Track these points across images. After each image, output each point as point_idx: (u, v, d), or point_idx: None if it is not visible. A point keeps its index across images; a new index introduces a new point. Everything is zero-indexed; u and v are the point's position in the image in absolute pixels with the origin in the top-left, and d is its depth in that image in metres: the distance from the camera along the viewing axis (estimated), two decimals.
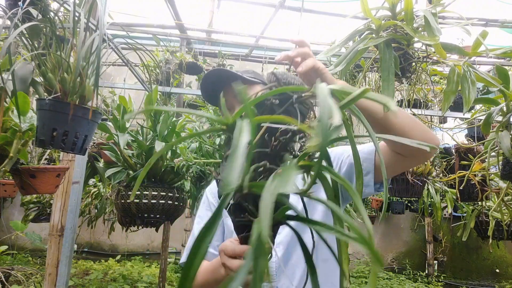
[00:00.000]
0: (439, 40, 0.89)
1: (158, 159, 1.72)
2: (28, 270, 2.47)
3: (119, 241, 5.37)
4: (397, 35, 0.99)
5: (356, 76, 3.15)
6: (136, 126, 1.86)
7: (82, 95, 0.92)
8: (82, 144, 0.92)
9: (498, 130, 1.15)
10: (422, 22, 1.00)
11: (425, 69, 1.30)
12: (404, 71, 1.14)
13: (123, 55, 1.97)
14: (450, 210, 2.69)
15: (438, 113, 2.94)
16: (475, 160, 1.64)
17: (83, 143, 0.93)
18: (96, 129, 0.98)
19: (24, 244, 4.93)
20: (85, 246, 5.38)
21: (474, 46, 1.00)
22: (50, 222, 1.57)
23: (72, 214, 1.55)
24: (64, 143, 0.89)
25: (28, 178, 1.35)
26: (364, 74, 1.83)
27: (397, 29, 1.02)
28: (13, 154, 1.20)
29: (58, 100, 0.90)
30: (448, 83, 0.94)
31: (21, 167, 1.34)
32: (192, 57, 3.36)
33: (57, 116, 0.89)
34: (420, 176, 2.10)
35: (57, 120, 0.89)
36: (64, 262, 1.50)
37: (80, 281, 4.01)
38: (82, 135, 0.92)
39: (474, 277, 5.70)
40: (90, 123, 0.94)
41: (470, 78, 0.95)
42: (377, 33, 0.98)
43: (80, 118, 0.92)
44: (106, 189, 2.97)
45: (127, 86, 2.83)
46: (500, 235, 2.49)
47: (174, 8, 3.22)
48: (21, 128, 1.19)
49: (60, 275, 1.49)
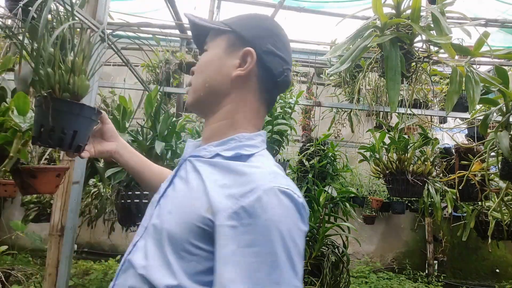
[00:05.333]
0: (451, 39, 0.87)
1: (158, 159, 1.72)
2: (28, 270, 2.48)
3: (119, 241, 5.37)
4: (401, 34, 0.99)
5: (356, 76, 3.15)
6: (136, 126, 1.86)
7: (74, 91, 0.89)
8: (71, 140, 0.87)
9: (497, 130, 1.15)
10: (426, 21, 1.00)
11: (426, 69, 1.30)
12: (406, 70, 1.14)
13: (123, 55, 1.97)
14: (450, 210, 2.69)
15: (438, 113, 2.94)
16: (475, 160, 1.64)
17: (73, 139, 0.87)
18: (91, 125, 0.93)
19: (24, 244, 4.93)
20: (85, 246, 5.38)
21: (476, 46, 1.00)
22: (50, 222, 1.57)
23: (72, 214, 1.55)
24: (50, 139, 0.86)
25: (29, 178, 1.35)
26: (364, 74, 1.83)
27: (399, 28, 1.02)
28: (13, 154, 1.20)
29: (44, 96, 0.87)
30: (451, 83, 0.94)
31: (21, 167, 1.34)
32: (192, 57, 3.36)
33: (44, 112, 0.86)
34: (420, 176, 2.10)
35: (44, 116, 0.86)
36: (64, 262, 1.50)
37: (80, 281, 4.01)
38: (70, 130, 0.87)
39: (474, 277, 5.70)
40: (80, 118, 0.88)
41: (474, 78, 0.95)
42: (382, 31, 0.97)
43: (66, 113, 0.87)
44: (106, 189, 2.98)
45: (127, 86, 2.84)
46: (500, 235, 2.49)
47: (174, 8, 3.22)
48: (21, 128, 1.19)
49: (60, 275, 1.49)
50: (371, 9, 1.10)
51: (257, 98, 0.77)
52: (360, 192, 4.79)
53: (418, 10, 0.93)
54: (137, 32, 3.31)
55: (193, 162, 0.74)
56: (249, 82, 0.76)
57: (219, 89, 0.76)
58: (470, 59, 1.02)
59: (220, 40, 0.78)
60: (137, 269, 0.65)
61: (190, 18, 0.81)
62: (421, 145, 2.15)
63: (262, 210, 0.58)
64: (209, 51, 0.79)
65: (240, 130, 0.75)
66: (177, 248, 0.62)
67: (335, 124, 3.94)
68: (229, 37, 0.77)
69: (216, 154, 0.72)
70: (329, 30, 3.66)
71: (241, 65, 0.75)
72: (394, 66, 0.88)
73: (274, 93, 0.82)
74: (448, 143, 2.80)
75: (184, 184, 0.71)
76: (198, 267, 0.61)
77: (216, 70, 0.76)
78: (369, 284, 4.89)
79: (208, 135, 0.77)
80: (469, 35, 0.97)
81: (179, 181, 0.74)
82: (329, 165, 2.78)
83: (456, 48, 0.91)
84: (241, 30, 0.77)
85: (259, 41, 0.76)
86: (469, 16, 1.71)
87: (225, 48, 0.77)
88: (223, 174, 0.67)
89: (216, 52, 0.77)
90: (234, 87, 0.75)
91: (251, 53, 0.74)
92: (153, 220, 0.70)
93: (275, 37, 0.78)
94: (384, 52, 0.91)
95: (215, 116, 0.77)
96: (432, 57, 1.13)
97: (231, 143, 0.73)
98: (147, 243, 0.68)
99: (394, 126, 2.26)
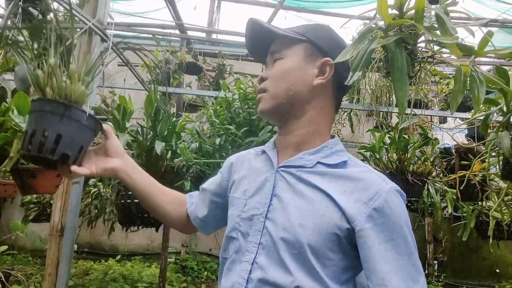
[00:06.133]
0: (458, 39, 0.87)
1: (158, 159, 1.72)
2: (28, 270, 2.47)
3: (119, 241, 5.37)
4: (404, 35, 0.99)
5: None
6: (136, 126, 1.85)
7: (66, 93, 0.76)
8: (53, 145, 0.72)
9: (498, 130, 1.15)
10: (430, 21, 1.00)
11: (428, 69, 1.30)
12: None
13: (123, 55, 1.97)
14: (450, 210, 2.69)
15: (438, 113, 2.94)
16: (475, 160, 1.64)
17: (56, 144, 0.72)
18: (85, 134, 0.78)
19: (24, 244, 4.92)
20: (85, 246, 5.37)
21: (480, 45, 1.00)
22: (50, 222, 1.57)
23: (72, 214, 1.55)
24: (31, 144, 0.72)
25: (29, 178, 1.35)
26: (364, 74, 1.83)
27: (402, 29, 1.01)
28: (14, 154, 1.20)
29: (33, 98, 0.76)
30: (455, 83, 0.93)
31: (21, 167, 1.34)
32: (192, 57, 3.35)
33: (30, 115, 0.75)
34: (420, 176, 2.10)
35: (29, 122, 0.74)
36: (64, 262, 1.50)
37: (80, 281, 4.01)
38: (52, 133, 0.72)
39: (474, 277, 5.70)
40: (66, 120, 0.74)
41: (478, 78, 0.95)
42: (386, 33, 0.97)
43: (48, 113, 0.73)
44: (106, 189, 2.97)
45: (127, 86, 2.83)
46: (500, 235, 2.49)
47: (174, 7, 3.22)
48: (21, 128, 1.19)
49: (60, 275, 1.49)
50: (373, 10, 1.09)
51: (332, 105, 0.85)
52: None
53: (422, 10, 0.92)
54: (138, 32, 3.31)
55: (294, 173, 0.78)
56: (327, 90, 0.82)
57: (302, 96, 0.80)
58: (474, 59, 1.01)
59: (297, 49, 0.82)
60: (286, 285, 0.69)
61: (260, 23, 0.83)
62: (421, 145, 2.15)
63: (390, 209, 0.70)
64: (287, 59, 0.82)
65: (325, 136, 0.82)
66: (320, 257, 0.70)
67: (335, 124, 3.94)
68: (306, 47, 0.82)
69: (317, 163, 0.78)
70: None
71: (319, 74, 0.81)
72: (400, 67, 0.88)
73: (341, 98, 0.90)
74: (448, 143, 2.80)
75: (298, 196, 0.75)
76: (338, 270, 0.70)
77: (299, 78, 0.80)
78: None
79: (296, 143, 0.82)
80: (472, 34, 0.97)
81: (287, 194, 0.77)
82: None
83: (461, 48, 0.91)
84: (318, 41, 0.82)
85: (334, 52, 0.82)
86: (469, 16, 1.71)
87: (304, 57, 0.81)
88: (337, 181, 0.75)
89: (296, 60, 0.81)
90: (314, 95, 0.81)
91: (330, 63, 0.80)
92: (280, 235, 0.73)
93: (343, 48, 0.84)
94: (389, 53, 0.91)
95: (298, 123, 0.81)
96: (435, 57, 1.13)
97: (325, 150, 0.79)
98: (282, 258, 0.71)
99: (394, 126, 2.26)
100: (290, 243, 0.71)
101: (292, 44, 0.82)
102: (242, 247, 0.77)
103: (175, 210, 0.97)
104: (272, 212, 0.76)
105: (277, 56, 0.83)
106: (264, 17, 4.21)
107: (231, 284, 0.76)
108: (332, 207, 0.72)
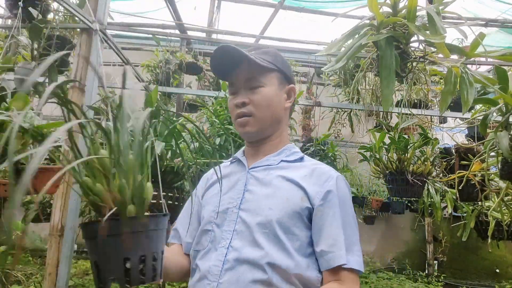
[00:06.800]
0: (445, 39, 0.88)
1: (158, 159, 1.72)
2: (28, 270, 2.48)
3: None
4: (397, 33, 0.99)
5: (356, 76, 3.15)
6: None
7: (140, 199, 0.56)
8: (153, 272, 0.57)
9: (497, 130, 1.15)
10: (422, 21, 1.00)
11: (423, 69, 1.30)
12: (401, 70, 1.14)
13: (123, 55, 1.97)
14: (450, 210, 2.69)
15: (438, 113, 2.94)
16: (475, 160, 1.64)
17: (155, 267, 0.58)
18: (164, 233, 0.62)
19: (24, 244, 4.93)
20: (85, 246, 5.37)
21: (472, 47, 1.00)
22: (50, 222, 1.57)
23: (72, 214, 1.56)
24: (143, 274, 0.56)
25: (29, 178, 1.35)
26: (363, 73, 1.83)
27: (395, 27, 1.02)
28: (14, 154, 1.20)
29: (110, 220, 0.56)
30: (446, 84, 0.94)
31: (22, 167, 1.34)
32: (192, 57, 3.36)
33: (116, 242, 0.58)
34: (420, 176, 2.10)
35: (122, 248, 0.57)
36: (64, 262, 1.50)
37: (80, 281, 4.01)
38: (149, 256, 0.57)
39: (474, 277, 5.70)
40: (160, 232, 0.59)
41: (468, 79, 0.95)
42: (378, 30, 0.97)
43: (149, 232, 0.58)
44: None
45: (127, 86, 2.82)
46: (500, 235, 2.49)
47: (174, 7, 3.22)
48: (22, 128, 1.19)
49: (60, 275, 1.50)
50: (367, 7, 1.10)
51: (288, 118, 1.07)
52: (360, 192, 4.79)
53: (414, 9, 0.93)
54: (138, 32, 3.31)
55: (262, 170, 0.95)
56: (290, 109, 1.03)
57: (280, 118, 0.99)
58: (467, 60, 1.02)
59: (272, 78, 0.96)
60: (258, 260, 0.81)
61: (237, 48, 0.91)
62: (421, 145, 2.15)
63: (339, 191, 0.89)
64: (267, 88, 0.95)
65: (286, 142, 1.03)
66: (287, 232, 0.84)
67: (335, 124, 3.94)
68: (277, 75, 0.97)
69: (281, 161, 0.97)
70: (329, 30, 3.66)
71: (287, 98, 1.00)
72: (388, 65, 0.89)
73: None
74: (448, 143, 2.80)
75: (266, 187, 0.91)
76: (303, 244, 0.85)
77: (278, 104, 0.97)
78: (369, 284, 4.89)
79: (267, 151, 1.00)
80: (464, 36, 0.97)
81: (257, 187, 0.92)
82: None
83: (450, 48, 0.91)
84: (283, 68, 0.99)
85: (292, 77, 1.03)
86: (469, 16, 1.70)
87: (278, 84, 0.97)
88: (298, 170, 0.93)
89: (274, 89, 0.96)
90: (284, 115, 1.01)
91: (294, 89, 1.01)
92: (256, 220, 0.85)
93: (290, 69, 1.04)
94: (379, 51, 0.91)
95: (272, 137, 1.00)
96: (427, 57, 1.13)
97: (286, 152, 1.00)
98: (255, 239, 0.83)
99: (394, 126, 2.26)
100: (262, 224, 0.84)
101: (266, 72, 0.95)
102: (218, 236, 0.88)
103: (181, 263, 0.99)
104: (244, 204, 0.90)
105: (255, 83, 0.94)
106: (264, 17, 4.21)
107: (207, 267, 0.84)
108: (295, 190, 0.89)
